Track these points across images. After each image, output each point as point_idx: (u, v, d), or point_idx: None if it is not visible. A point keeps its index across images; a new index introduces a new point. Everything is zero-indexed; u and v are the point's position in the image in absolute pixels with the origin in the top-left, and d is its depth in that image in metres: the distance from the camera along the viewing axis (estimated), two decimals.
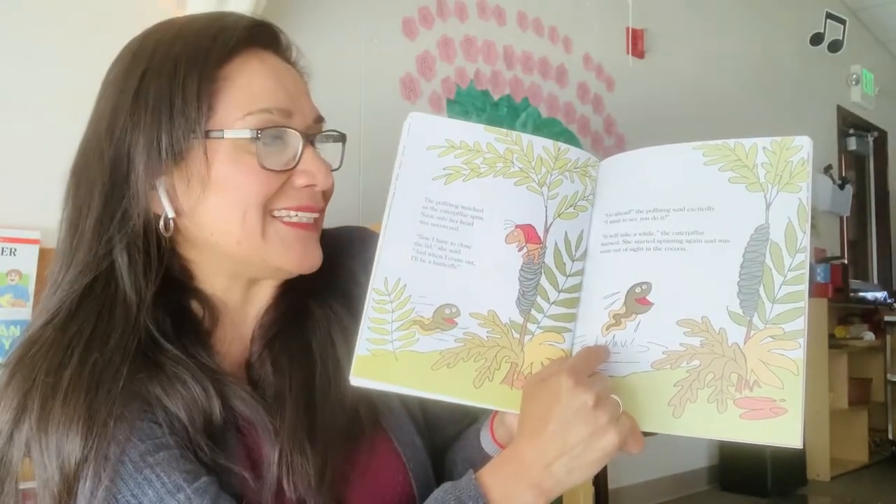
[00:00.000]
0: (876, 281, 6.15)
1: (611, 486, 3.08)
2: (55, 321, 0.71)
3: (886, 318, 5.16)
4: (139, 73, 0.73)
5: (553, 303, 0.72)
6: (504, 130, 0.75)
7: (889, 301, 5.45)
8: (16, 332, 1.76)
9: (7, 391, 0.68)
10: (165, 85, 0.72)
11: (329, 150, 0.81)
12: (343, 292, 0.85)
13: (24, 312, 1.78)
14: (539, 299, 0.72)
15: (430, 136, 0.74)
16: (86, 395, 0.66)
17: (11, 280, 1.77)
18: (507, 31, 3.12)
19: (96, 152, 0.74)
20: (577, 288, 0.73)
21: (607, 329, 0.71)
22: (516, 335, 0.72)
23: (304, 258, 0.77)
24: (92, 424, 0.65)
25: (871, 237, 6.27)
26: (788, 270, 0.66)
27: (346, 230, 0.91)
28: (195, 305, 0.77)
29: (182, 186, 0.73)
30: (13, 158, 1.84)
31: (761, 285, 0.66)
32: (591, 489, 1.89)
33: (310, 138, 0.76)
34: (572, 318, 0.73)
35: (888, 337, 5.11)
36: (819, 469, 4.27)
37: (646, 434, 0.69)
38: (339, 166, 0.81)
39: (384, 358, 0.69)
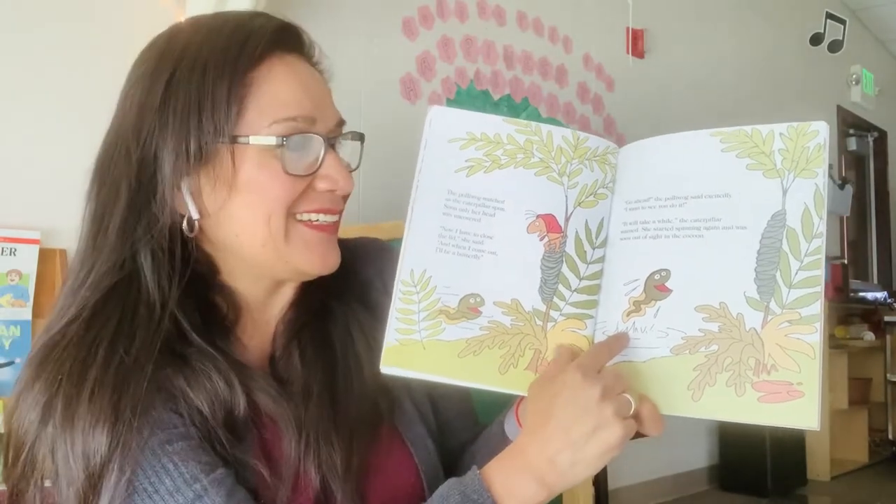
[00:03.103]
0: (876, 281, 6.15)
1: (611, 486, 3.08)
2: (79, 321, 0.71)
3: (886, 318, 5.16)
4: (167, 76, 0.74)
5: (574, 290, 0.73)
6: (523, 122, 0.76)
7: (889, 301, 5.45)
8: (16, 331, 1.76)
9: (32, 390, 0.69)
10: (195, 90, 0.73)
11: (348, 149, 0.82)
12: (360, 294, 0.87)
13: (25, 312, 1.78)
14: (561, 287, 0.73)
15: (451, 130, 0.76)
16: (112, 393, 0.67)
17: (11, 280, 1.77)
18: (507, 31, 3.12)
19: (122, 151, 0.74)
20: (598, 275, 0.74)
21: (627, 315, 0.72)
22: (539, 322, 0.73)
23: (326, 260, 0.78)
24: (117, 422, 0.66)
25: (871, 237, 6.27)
26: (805, 255, 0.67)
27: (361, 241, 0.93)
28: (219, 300, 0.78)
29: (208, 188, 0.74)
30: (14, 159, 1.84)
31: (778, 271, 0.67)
32: (591, 489, 1.89)
33: (331, 142, 0.77)
34: (594, 304, 0.74)
35: (888, 337, 5.11)
36: (819, 469, 4.27)
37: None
38: (358, 166, 0.83)
39: (412, 347, 0.71)
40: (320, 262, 0.78)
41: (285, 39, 0.78)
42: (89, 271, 0.73)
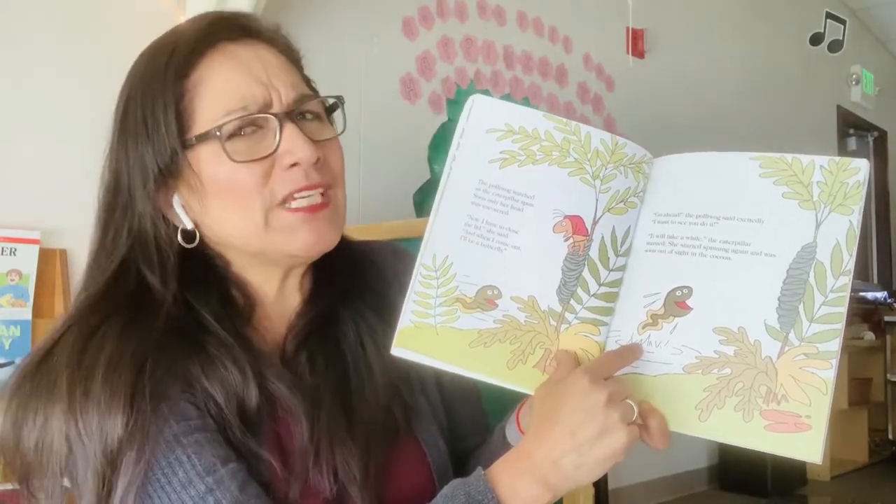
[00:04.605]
0: (876, 281, 6.15)
1: (611, 486, 3.08)
2: (69, 327, 0.73)
3: (886, 318, 5.16)
4: (124, 101, 0.77)
5: (593, 295, 0.73)
6: (564, 119, 0.75)
7: (889, 301, 5.45)
8: (16, 331, 1.76)
9: (39, 377, 0.70)
10: (140, 110, 0.75)
11: (338, 121, 0.82)
12: (374, 296, 0.86)
13: (25, 312, 1.78)
14: (579, 290, 0.73)
15: (490, 120, 0.75)
16: (128, 374, 0.68)
17: (11, 280, 1.77)
18: (507, 31, 3.12)
19: (105, 183, 0.79)
20: (618, 283, 0.74)
21: (643, 328, 0.71)
22: (553, 323, 0.72)
23: (314, 240, 0.77)
24: (134, 402, 0.67)
25: (871, 237, 6.27)
26: (830, 291, 0.67)
27: (378, 244, 0.93)
28: (235, 292, 0.79)
29: (189, 198, 0.76)
30: (14, 159, 1.84)
31: (801, 303, 0.67)
32: (592, 489, 1.89)
33: (290, 117, 0.76)
34: (610, 312, 0.73)
35: (888, 337, 5.11)
36: (819, 469, 4.26)
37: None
38: (343, 130, 0.81)
39: (426, 331, 0.71)
40: (307, 243, 0.77)
41: (226, 28, 0.77)
42: (91, 286, 0.76)
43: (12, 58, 1.86)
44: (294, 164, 0.75)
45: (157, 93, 0.74)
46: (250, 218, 0.75)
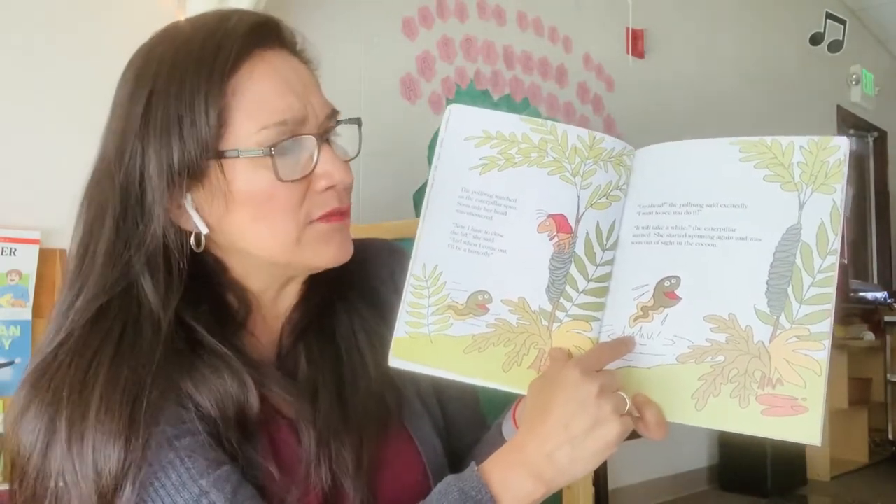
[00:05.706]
0: (876, 281, 6.15)
1: (611, 486, 3.08)
2: (71, 341, 0.70)
3: (886, 318, 5.16)
4: (145, 95, 0.72)
5: (582, 292, 0.73)
6: (539, 121, 0.76)
7: (889, 301, 5.45)
8: (16, 331, 1.76)
9: (28, 414, 0.69)
10: (173, 106, 0.71)
11: (346, 138, 0.81)
12: (368, 292, 0.87)
13: (25, 312, 1.78)
14: (568, 288, 0.73)
15: (467, 128, 0.76)
16: (120, 408, 0.66)
17: (11, 280, 1.77)
18: (507, 31, 3.11)
19: (107, 176, 0.74)
20: (607, 278, 0.74)
21: (635, 320, 0.71)
22: (545, 322, 0.73)
23: (340, 252, 0.77)
24: (130, 436, 0.66)
25: (871, 237, 6.27)
26: (818, 272, 0.66)
27: (373, 242, 0.93)
28: (230, 297, 0.78)
29: (207, 202, 0.73)
30: (14, 159, 1.84)
31: (790, 285, 0.67)
32: (591, 489, 1.89)
33: (324, 137, 0.75)
34: (601, 307, 0.73)
35: (888, 337, 5.11)
36: (819, 469, 4.27)
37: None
38: (358, 153, 0.81)
39: (420, 340, 0.73)
40: (335, 255, 0.77)
41: (263, 36, 0.75)
42: (77, 295, 0.73)
43: (12, 57, 1.86)
44: (330, 187, 0.75)
45: (197, 91, 0.70)
46: (283, 233, 0.73)
